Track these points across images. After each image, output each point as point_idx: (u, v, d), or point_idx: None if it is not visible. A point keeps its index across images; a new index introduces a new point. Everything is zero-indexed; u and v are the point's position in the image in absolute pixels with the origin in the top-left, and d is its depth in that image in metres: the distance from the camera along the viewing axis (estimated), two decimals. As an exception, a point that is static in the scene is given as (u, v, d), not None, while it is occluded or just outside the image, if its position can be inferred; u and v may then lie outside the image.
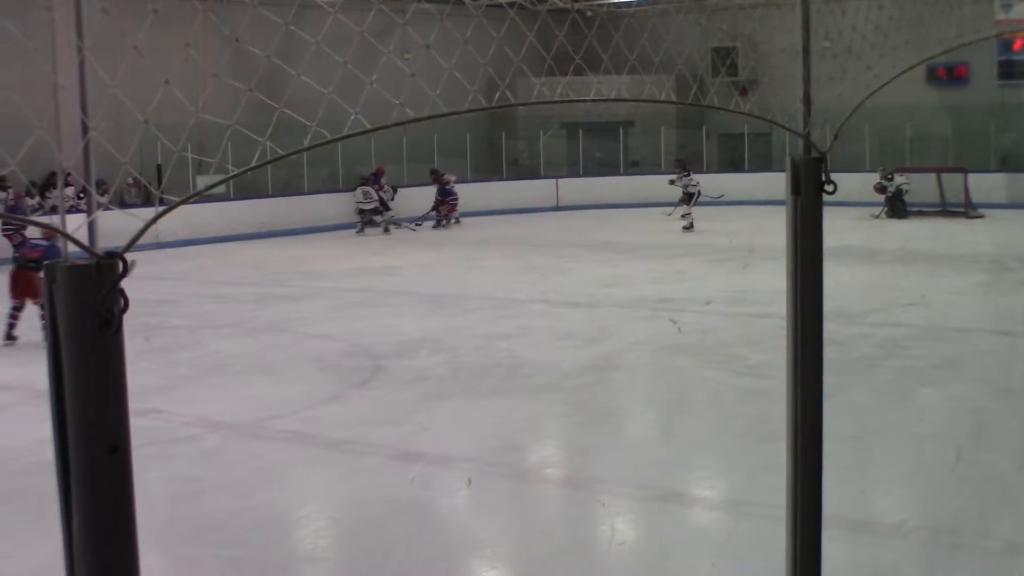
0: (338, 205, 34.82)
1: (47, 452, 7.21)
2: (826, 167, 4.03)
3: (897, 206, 33.95)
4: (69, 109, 2.47)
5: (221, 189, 30.83)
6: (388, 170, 36.19)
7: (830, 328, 4.04)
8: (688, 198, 32.04)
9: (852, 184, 27.91)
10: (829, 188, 4.06)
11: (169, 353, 16.08)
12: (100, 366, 2.14)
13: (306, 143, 2.97)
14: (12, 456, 11.41)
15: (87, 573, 2.18)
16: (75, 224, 2.35)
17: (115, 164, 3.04)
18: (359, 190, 33.98)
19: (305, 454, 11.50)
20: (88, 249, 2.23)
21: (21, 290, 17.35)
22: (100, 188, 25.39)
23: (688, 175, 32.60)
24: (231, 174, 2.97)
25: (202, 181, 27.84)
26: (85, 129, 2.49)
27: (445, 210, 35.38)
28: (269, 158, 2.95)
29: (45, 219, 2.54)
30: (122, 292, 2.18)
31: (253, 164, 2.95)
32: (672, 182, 32.79)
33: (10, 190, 29.26)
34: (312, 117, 3.01)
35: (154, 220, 2.94)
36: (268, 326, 18.54)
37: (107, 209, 2.43)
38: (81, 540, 2.19)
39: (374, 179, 34.66)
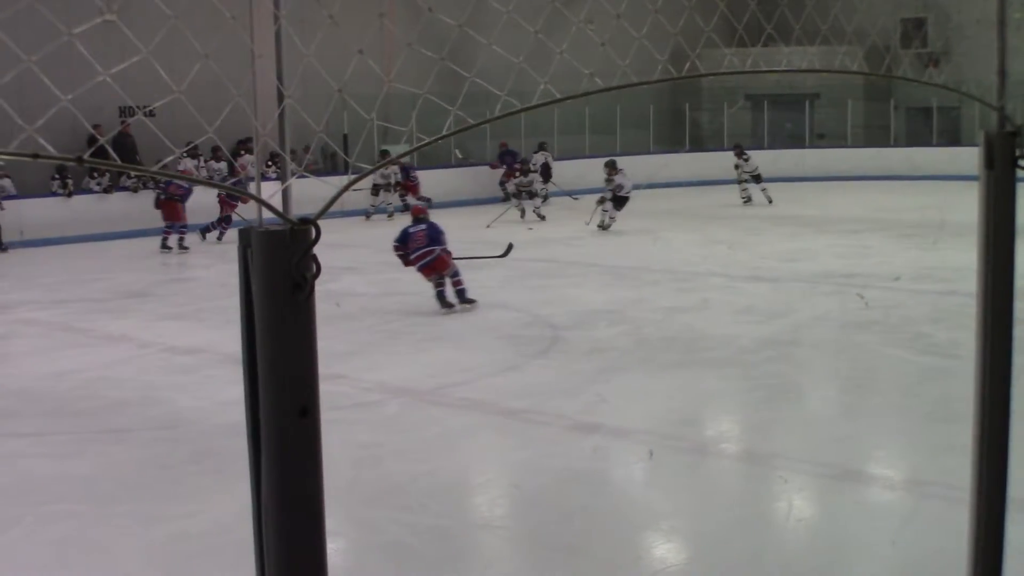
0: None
1: (233, 414, 7.40)
2: (1021, 141, 3.92)
3: None
4: (265, 77, 2.52)
5: (407, 158, 31.15)
6: (572, 142, 36.20)
7: (1020, 307, 3.93)
8: (619, 202, 27.25)
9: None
10: (1023, 163, 3.95)
11: (354, 319, 16.33)
12: (293, 329, 2.17)
13: (497, 112, 2.98)
14: (200, 418, 11.73)
15: (276, 532, 2.23)
16: (269, 191, 2.40)
17: (305, 132, 3.09)
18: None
19: (483, 422, 11.60)
20: (283, 215, 2.27)
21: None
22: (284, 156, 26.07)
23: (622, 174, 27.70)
24: (421, 143, 3.00)
25: (393, 150, 28.18)
26: (280, 97, 2.53)
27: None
28: (455, 128, 2.96)
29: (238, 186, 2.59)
30: (315, 258, 2.21)
31: (443, 134, 2.97)
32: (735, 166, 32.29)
33: (201, 158, 29.99)
34: (501, 87, 3.02)
35: (347, 187, 2.98)
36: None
37: (301, 177, 2.46)
38: (270, 500, 2.23)
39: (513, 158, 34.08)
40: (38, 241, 26.07)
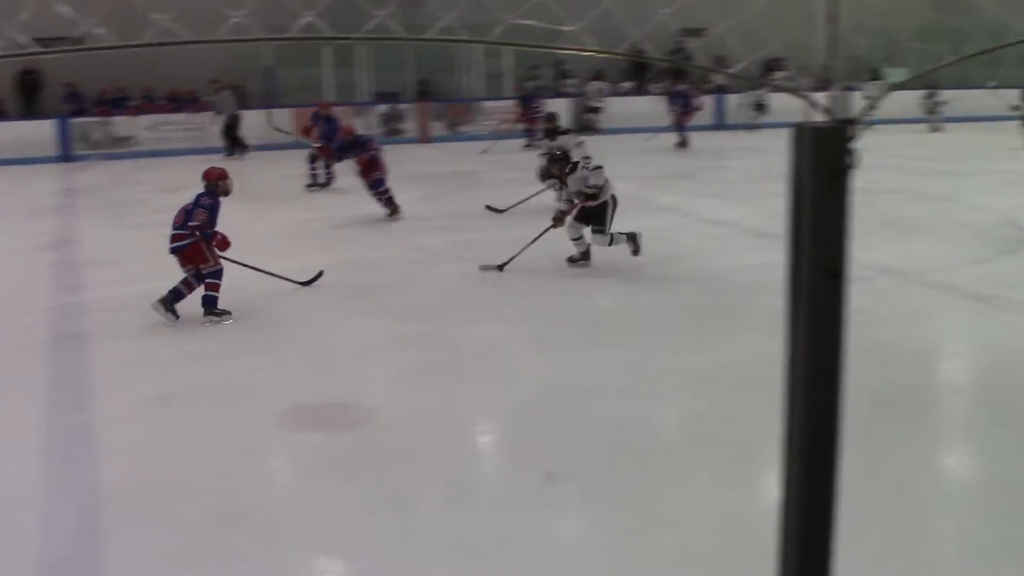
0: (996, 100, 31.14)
1: (752, 274, 7.53)
2: None
3: None
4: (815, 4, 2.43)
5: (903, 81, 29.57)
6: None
7: None
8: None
9: None
10: None
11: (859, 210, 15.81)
12: (831, 208, 2.13)
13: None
14: (725, 275, 11.79)
15: (802, 370, 2.23)
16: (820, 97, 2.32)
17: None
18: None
19: (955, 303, 10.96)
20: (832, 115, 2.20)
21: None
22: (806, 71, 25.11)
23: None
24: (928, 69, 2.81)
25: (893, 74, 26.79)
26: (832, 20, 2.44)
27: None
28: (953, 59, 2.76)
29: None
30: (852, 151, 2.14)
31: (945, 62, 2.77)
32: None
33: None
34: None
35: (877, 99, 2.85)
36: (932, 195, 17.72)
37: (847, 88, 2.37)
38: (799, 345, 2.23)
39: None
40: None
